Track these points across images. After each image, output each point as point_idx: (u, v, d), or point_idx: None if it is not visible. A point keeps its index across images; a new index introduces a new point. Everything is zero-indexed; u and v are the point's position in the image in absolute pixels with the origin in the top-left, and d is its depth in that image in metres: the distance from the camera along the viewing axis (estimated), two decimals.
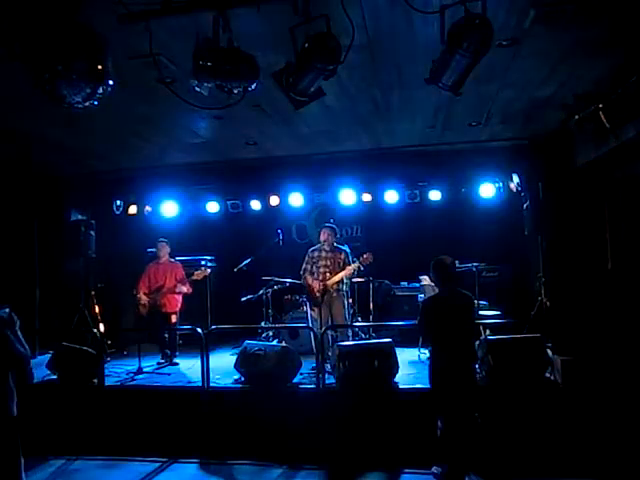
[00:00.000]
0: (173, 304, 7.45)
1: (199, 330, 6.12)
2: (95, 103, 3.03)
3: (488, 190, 8.04)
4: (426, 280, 6.92)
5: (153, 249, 7.96)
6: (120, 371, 6.90)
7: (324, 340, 6.12)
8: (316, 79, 3.38)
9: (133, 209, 8.78)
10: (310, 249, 7.13)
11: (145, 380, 6.56)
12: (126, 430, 5.79)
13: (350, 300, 7.47)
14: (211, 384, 5.96)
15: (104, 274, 8.61)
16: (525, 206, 6.99)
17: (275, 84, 3.61)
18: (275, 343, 7.12)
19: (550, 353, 5.72)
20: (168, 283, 7.38)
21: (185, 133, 6.05)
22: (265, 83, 3.55)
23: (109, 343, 7.64)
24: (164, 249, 7.61)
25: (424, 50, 3.85)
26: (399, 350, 5.95)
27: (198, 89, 3.29)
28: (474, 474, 4.62)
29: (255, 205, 8.85)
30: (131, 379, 6.58)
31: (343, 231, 9.29)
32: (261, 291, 8.04)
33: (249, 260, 8.04)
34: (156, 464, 5.42)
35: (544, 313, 6.44)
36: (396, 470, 5.07)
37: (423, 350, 6.89)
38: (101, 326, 7.73)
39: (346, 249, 7.04)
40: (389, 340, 6.04)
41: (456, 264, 4.81)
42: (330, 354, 6.13)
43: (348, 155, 7.38)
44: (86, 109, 3.06)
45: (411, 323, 5.42)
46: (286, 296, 8.71)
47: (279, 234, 8.13)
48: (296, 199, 8.41)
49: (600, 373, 5.24)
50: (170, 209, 8.81)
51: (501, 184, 8.05)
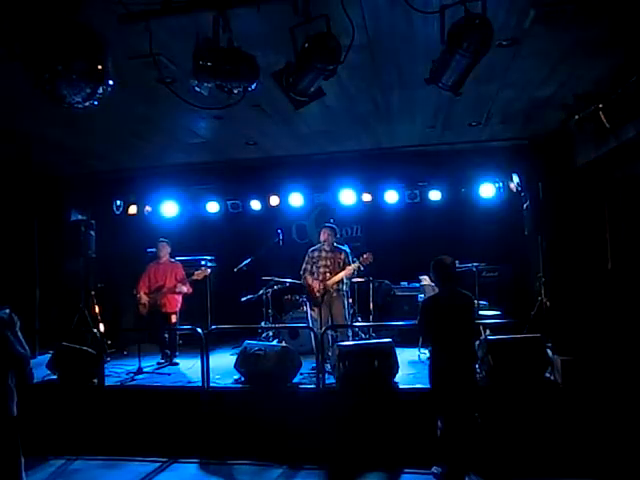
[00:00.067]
0: (173, 304, 7.45)
1: (199, 330, 6.12)
2: (95, 103, 3.03)
3: (488, 190, 8.04)
4: (426, 280, 6.92)
5: (153, 249, 7.97)
6: (120, 371, 6.89)
7: (324, 340, 6.12)
8: (316, 79, 3.38)
9: (133, 209, 8.78)
10: (310, 249, 7.13)
11: (145, 380, 6.56)
12: (126, 430, 5.79)
13: (350, 300, 7.47)
14: (211, 384, 5.96)
15: (104, 274, 8.60)
16: (525, 206, 6.99)
17: (275, 84, 3.60)
18: (275, 343, 7.12)
19: (550, 353, 5.72)
20: (168, 283, 7.39)
21: (185, 133, 6.05)
22: (265, 83, 3.55)
23: (109, 343, 7.65)
24: (164, 249, 7.61)
25: (424, 50, 3.85)
26: (399, 350, 5.96)
27: (198, 89, 3.29)
28: (474, 474, 4.61)
29: (255, 205, 8.85)
30: (131, 379, 6.58)
31: (343, 231, 9.29)
32: (261, 291, 8.04)
33: (249, 260, 8.05)
34: (156, 464, 5.42)
35: (544, 313, 6.44)
36: (396, 470, 5.07)
37: (423, 350, 6.89)
38: (101, 326, 7.73)
39: (346, 249, 7.04)
40: (389, 340, 6.04)
41: (456, 264, 4.81)
42: (330, 354, 6.14)
43: (348, 155, 7.38)
44: (86, 109, 3.06)
45: (411, 323, 5.42)
46: (286, 296, 8.71)
47: (279, 234, 8.13)
48: (296, 199, 8.41)
49: (600, 373, 5.24)
50: (170, 209, 8.81)
51: (501, 184, 8.05)
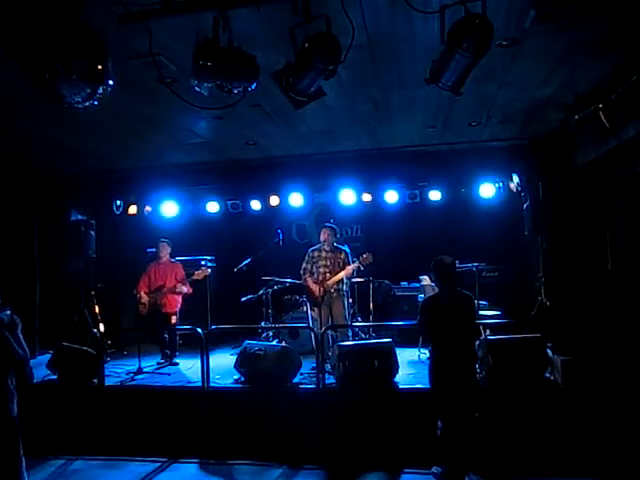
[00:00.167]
0: (173, 304, 7.46)
1: (199, 330, 6.11)
2: (95, 103, 3.03)
3: (488, 190, 8.04)
4: (426, 280, 6.92)
5: (153, 249, 7.97)
6: (120, 371, 6.89)
7: (324, 340, 6.12)
8: (316, 79, 3.38)
9: (133, 209, 8.79)
10: (310, 249, 7.13)
11: (145, 380, 6.56)
12: (126, 430, 5.79)
13: (350, 300, 7.47)
14: (211, 384, 5.96)
15: (104, 274, 8.61)
16: (525, 206, 6.99)
17: (275, 84, 3.61)
18: (275, 343, 7.13)
19: (550, 353, 5.72)
20: (168, 283, 7.39)
21: (185, 133, 6.05)
22: (265, 83, 3.56)
23: (109, 343, 7.65)
24: (165, 249, 7.62)
25: (424, 50, 3.85)
26: (399, 350, 5.96)
27: (198, 89, 3.29)
28: (474, 474, 4.61)
29: (255, 205, 8.85)
30: (131, 379, 6.58)
31: (343, 231, 9.29)
32: (261, 291, 8.04)
33: (249, 260, 8.05)
34: (156, 464, 5.42)
35: (544, 313, 6.44)
36: (396, 470, 5.07)
37: (423, 350, 6.89)
38: (101, 326, 7.73)
39: (346, 249, 7.03)
40: (389, 340, 6.04)
41: (456, 264, 4.81)
42: (330, 354, 6.14)
43: (348, 155, 7.38)
44: (86, 109, 3.06)
45: (411, 323, 5.42)
46: (286, 296, 8.71)
47: (279, 234, 8.13)
48: (296, 199, 8.41)
49: (600, 373, 5.24)
50: (170, 209, 8.81)
51: (501, 184, 8.05)
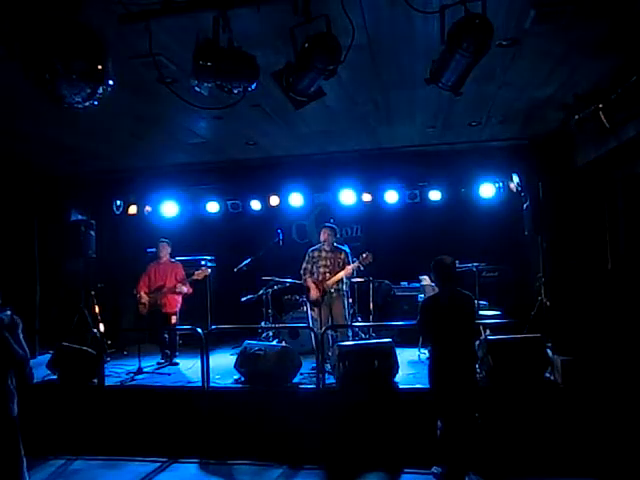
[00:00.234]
0: (173, 304, 7.45)
1: (199, 330, 6.11)
2: (95, 103, 3.03)
3: (488, 190, 8.04)
4: (426, 280, 6.92)
5: (153, 249, 7.97)
6: (120, 371, 6.89)
7: (324, 340, 6.12)
8: (316, 79, 3.38)
9: (133, 209, 8.79)
10: (310, 249, 7.13)
11: (145, 380, 6.56)
12: (126, 430, 5.79)
13: (350, 300, 7.47)
14: (211, 384, 5.96)
15: (104, 274, 8.61)
16: (525, 206, 6.99)
17: (275, 84, 3.60)
18: (275, 343, 7.13)
19: (550, 353, 5.72)
20: (168, 283, 7.39)
21: (185, 133, 6.05)
22: (265, 83, 3.56)
23: (109, 343, 7.65)
24: (165, 249, 7.62)
25: (424, 50, 3.85)
26: (399, 350, 5.96)
27: (198, 89, 3.29)
28: (474, 474, 4.61)
29: (255, 205, 8.85)
30: (131, 379, 6.58)
31: (343, 231, 9.29)
32: (261, 291, 8.04)
33: (249, 260, 8.04)
34: (156, 464, 5.42)
35: (544, 313, 6.44)
36: (396, 470, 5.07)
37: (423, 350, 6.88)
38: (101, 326, 7.73)
39: (346, 249, 7.03)
40: (389, 340, 6.04)
41: (456, 264, 4.81)
42: (330, 354, 6.14)
43: (348, 155, 7.38)
44: (86, 109, 3.06)
45: (411, 323, 5.41)
46: (286, 296, 8.71)
47: (279, 234, 8.13)
48: (296, 199, 8.41)
49: (600, 373, 5.24)
50: (170, 209, 8.81)
51: (501, 184, 8.05)
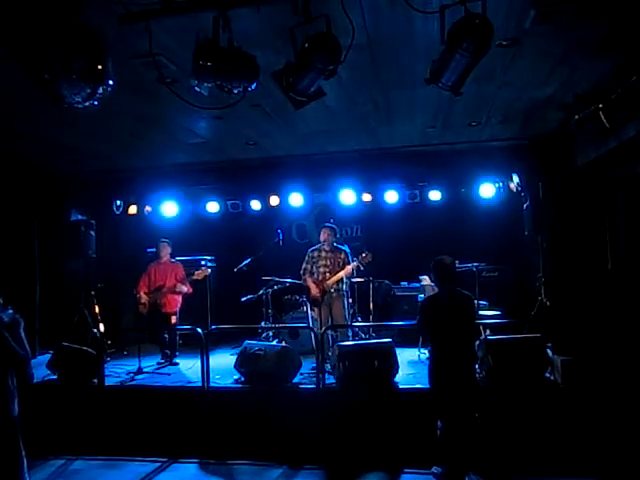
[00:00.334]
0: (173, 304, 7.45)
1: (199, 330, 6.11)
2: (95, 103, 3.03)
3: (488, 190, 8.04)
4: (426, 280, 6.92)
5: (153, 249, 7.98)
6: (120, 371, 6.89)
7: (324, 340, 6.12)
8: (316, 79, 3.38)
9: (133, 209, 8.79)
10: (310, 249, 7.13)
11: (145, 380, 6.55)
12: (126, 430, 5.79)
13: (350, 300, 7.47)
14: (211, 384, 5.95)
15: (104, 274, 8.61)
16: (525, 206, 6.99)
17: (275, 84, 3.61)
18: (275, 343, 7.12)
19: (550, 353, 5.72)
20: (168, 283, 7.38)
21: (185, 133, 6.05)
22: (265, 83, 3.56)
23: (109, 343, 7.65)
24: (165, 249, 7.61)
25: (424, 50, 3.86)
26: (399, 350, 5.96)
27: (198, 89, 3.29)
28: (474, 474, 4.61)
29: (255, 205, 8.85)
30: (131, 379, 6.57)
31: (343, 231, 9.30)
32: (261, 291, 8.04)
33: (249, 260, 8.04)
34: (156, 464, 5.42)
35: (544, 313, 6.44)
36: (396, 470, 5.06)
37: (423, 350, 6.88)
38: (101, 326, 7.73)
39: (346, 249, 7.03)
40: (389, 340, 6.04)
41: (456, 264, 4.81)
42: (330, 354, 6.14)
43: (348, 155, 7.39)
44: (86, 109, 3.06)
45: (411, 323, 5.42)
46: (286, 296, 8.71)
47: (279, 234, 8.13)
48: (296, 199, 8.41)
49: (600, 373, 5.24)
50: (170, 209, 8.81)
51: (501, 184, 8.05)
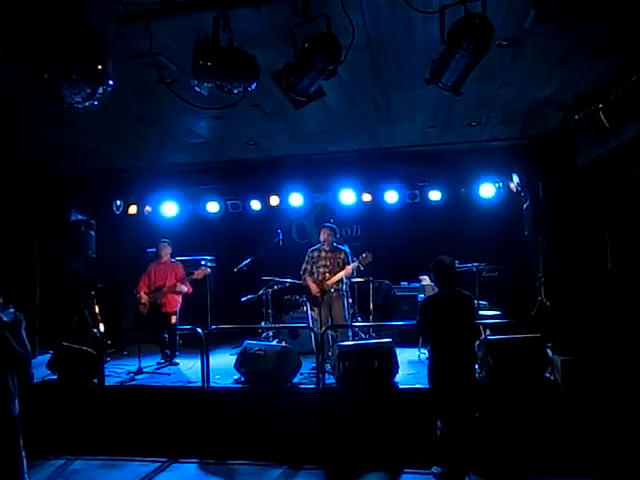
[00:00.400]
0: (173, 304, 7.45)
1: (199, 330, 6.11)
2: (95, 103, 3.03)
3: (488, 190, 8.04)
4: (426, 280, 6.92)
5: (153, 249, 7.98)
6: (120, 371, 6.89)
7: (324, 340, 6.12)
8: (316, 79, 3.38)
9: (133, 209, 8.79)
10: (310, 249, 7.13)
11: (145, 380, 6.55)
12: (126, 430, 5.79)
13: (350, 300, 7.47)
14: (211, 384, 5.95)
15: (104, 274, 8.61)
16: (525, 206, 6.99)
17: (275, 84, 3.60)
18: (275, 343, 7.12)
19: (550, 353, 5.72)
20: (169, 283, 7.38)
21: (185, 133, 6.05)
22: (265, 83, 3.56)
23: (109, 343, 7.65)
24: (165, 249, 7.62)
25: (424, 50, 3.86)
26: (399, 350, 5.96)
27: (198, 89, 3.29)
28: (474, 474, 4.61)
29: (255, 205, 8.85)
30: (131, 379, 6.57)
31: (343, 231, 9.30)
32: (261, 291, 8.04)
33: (249, 260, 8.04)
34: (156, 464, 5.42)
35: (544, 313, 6.44)
36: (396, 470, 5.06)
37: (423, 350, 6.88)
38: (101, 326, 7.73)
39: (346, 249, 7.03)
40: (389, 340, 6.04)
41: (456, 264, 4.81)
42: (330, 354, 6.14)
43: (348, 155, 7.39)
44: (86, 109, 3.06)
45: (411, 323, 5.41)
46: (286, 296, 8.71)
47: (279, 234, 8.13)
48: (296, 199, 8.41)
49: (600, 373, 5.24)
50: (170, 209, 8.81)
51: (501, 184, 8.05)
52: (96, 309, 7.92)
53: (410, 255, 8.41)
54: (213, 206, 8.90)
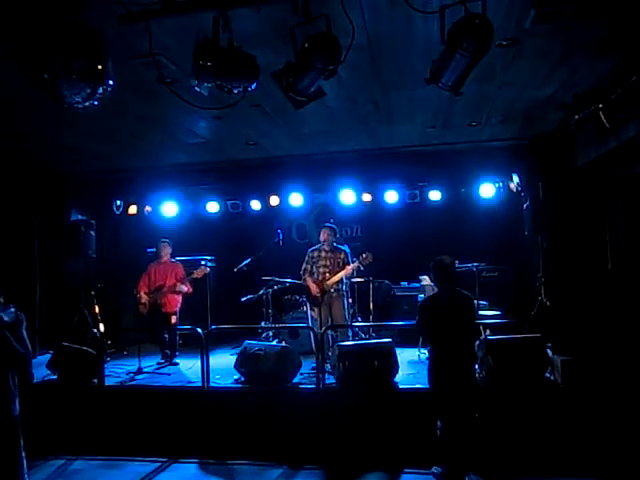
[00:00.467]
0: (173, 304, 7.45)
1: (199, 330, 6.11)
2: (95, 103, 3.03)
3: (488, 190, 8.04)
4: (426, 280, 6.92)
5: (153, 249, 7.98)
6: (120, 371, 6.89)
7: (324, 340, 6.12)
8: (316, 79, 3.38)
9: (133, 209, 8.79)
10: (310, 249, 7.13)
11: (145, 380, 6.55)
12: (126, 430, 5.79)
13: (350, 300, 7.47)
14: (211, 384, 5.96)
15: (104, 274, 8.61)
16: (525, 206, 6.99)
17: (275, 84, 3.61)
18: (275, 343, 7.13)
19: (550, 353, 5.72)
20: (169, 282, 7.38)
21: (185, 133, 6.05)
22: (265, 83, 3.56)
23: (109, 343, 7.65)
24: (165, 249, 7.62)
25: (424, 50, 3.86)
26: (399, 350, 5.96)
27: (198, 89, 3.29)
28: (474, 474, 4.61)
29: (255, 205, 8.85)
30: (131, 379, 6.57)
31: (343, 231, 9.30)
32: (261, 291, 8.04)
33: (249, 260, 8.04)
34: (156, 464, 5.42)
35: (544, 313, 6.44)
36: (396, 470, 5.06)
37: (423, 350, 6.88)
38: (101, 326, 7.73)
39: (346, 249, 7.03)
40: (389, 340, 6.04)
41: (456, 264, 4.81)
42: (330, 354, 6.14)
43: (348, 155, 7.39)
44: (86, 109, 3.06)
45: (411, 323, 5.41)
46: (286, 296, 8.71)
47: (279, 234, 8.12)
48: (296, 199, 8.41)
49: (600, 373, 5.24)
50: (170, 209, 8.81)
51: (501, 184, 8.05)
52: (96, 309, 7.92)
53: (410, 255, 8.41)
54: (213, 206, 8.89)
